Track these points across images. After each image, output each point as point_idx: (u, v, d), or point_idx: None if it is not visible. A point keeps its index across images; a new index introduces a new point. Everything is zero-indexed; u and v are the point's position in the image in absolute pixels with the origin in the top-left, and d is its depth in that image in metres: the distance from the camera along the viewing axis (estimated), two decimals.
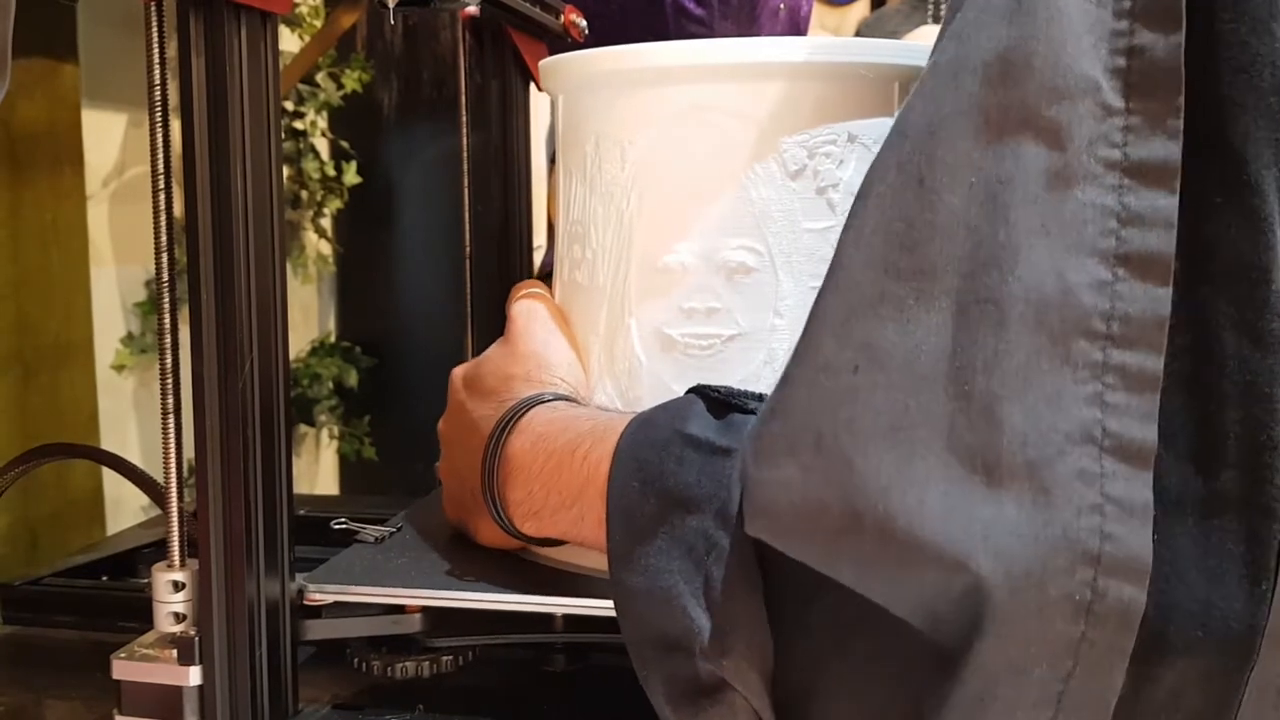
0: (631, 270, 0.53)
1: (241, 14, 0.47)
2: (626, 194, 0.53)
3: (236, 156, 0.47)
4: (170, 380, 0.50)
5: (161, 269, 0.49)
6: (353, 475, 1.66)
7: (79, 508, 0.98)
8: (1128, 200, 0.30)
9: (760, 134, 0.51)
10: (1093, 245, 0.29)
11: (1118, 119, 0.30)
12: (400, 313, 1.67)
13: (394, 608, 0.54)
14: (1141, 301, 0.29)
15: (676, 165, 0.52)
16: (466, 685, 0.57)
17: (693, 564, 0.36)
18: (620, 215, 0.54)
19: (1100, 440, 0.29)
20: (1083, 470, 0.29)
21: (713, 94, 0.51)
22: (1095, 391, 0.29)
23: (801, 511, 0.32)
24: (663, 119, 0.52)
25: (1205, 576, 0.30)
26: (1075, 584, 0.28)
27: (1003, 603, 0.28)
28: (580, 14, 0.77)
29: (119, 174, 1.11)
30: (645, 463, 0.40)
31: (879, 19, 2.30)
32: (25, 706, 0.61)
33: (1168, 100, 0.30)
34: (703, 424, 0.39)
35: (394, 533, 0.61)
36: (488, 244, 0.76)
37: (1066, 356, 0.29)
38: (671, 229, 0.52)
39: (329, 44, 1.40)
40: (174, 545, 0.50)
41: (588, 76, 0.56)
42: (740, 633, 0.35)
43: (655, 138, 0.53)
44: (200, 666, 0.49)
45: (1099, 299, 0.29)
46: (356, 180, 1.54)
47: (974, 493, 0.29)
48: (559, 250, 0.58)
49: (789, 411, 0.33)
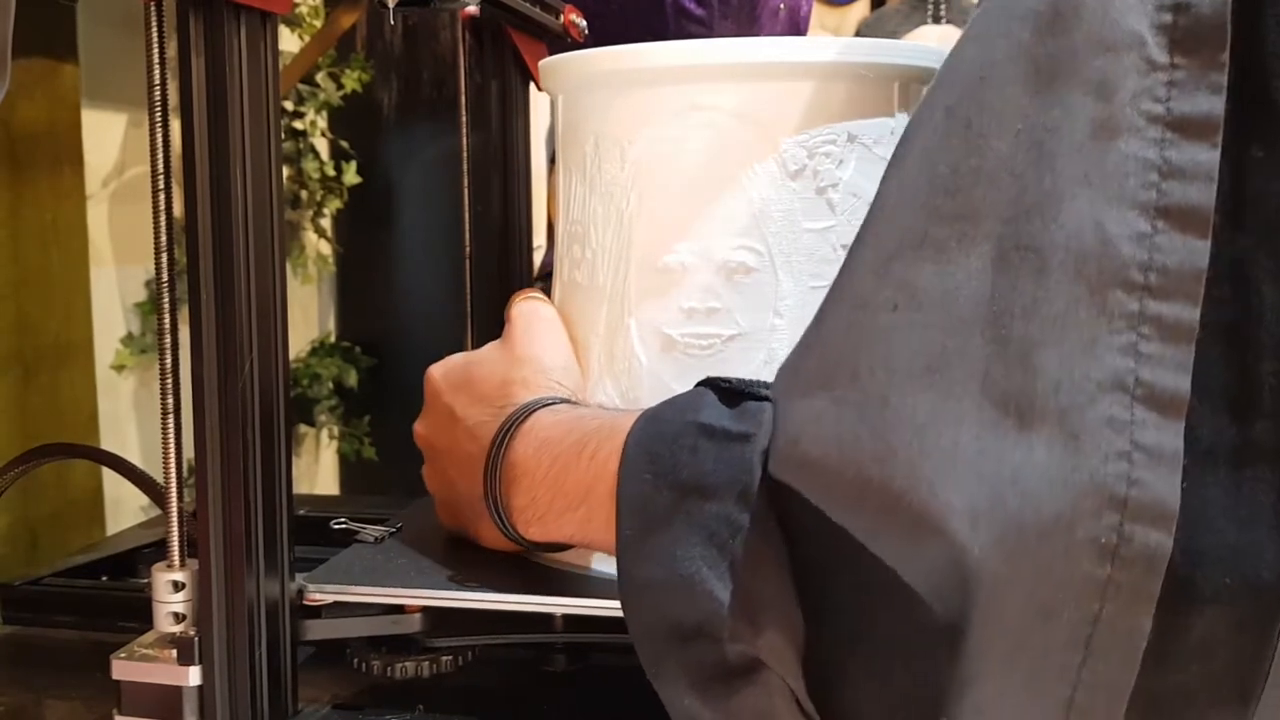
0: (631, 270, 0.53)
1: (241, 14, 0.47)
2: (626, 194, 0.53)
3: (236, 156, 0.47)
4: (170, 380, 0.50)
5: (161, 269, 0.49)
6: (352, 475, 1.66)
7: (79, 508, 0.98)
8: (1169, 154, 0.30)
9: (760, 134, 0.51)
10: (1134, 197, 0.30)
11: (1162, 74, 0.30)
12: (400, 313, 1.67)
13: (394, 608, 0.54)
14: (1180, 253, 0.29)
15: (676, 165, 0.52)
16: (467, 685, 0.57)
17: (715, 548, 0.36)
18: (620, 215, 0.54)
19: (1132, 389, 0.29)
20: (1113, 417, 0.29)
21: (712, 94, 0.51)
22: (1130, 342, 0.29)
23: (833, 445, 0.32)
24: (662, 119, 0.52)
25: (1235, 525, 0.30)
26: (1102, 528, 0.29)
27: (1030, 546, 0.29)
28: (580, 14, 0.77)
29: (119, 174, 1.11)
30: (657, 455, 0.39)
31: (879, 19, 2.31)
32: (25, 706, 0.61)
33: (1212, 56, 0.30)
34: (716, 413, 0.38)
35: (393, 533, 0.61)
36: (487, 244, 0.76)
37: (1103, 306, 0.29)
38: (671, 229, 0.52)
39: (329, 44, 1.40)
40: (174, 545, 0.50)
41: (587, 76, 0.56)
42: (772, 610, 0.35)
43: (655, 137, 0.53)
44: (200, 666, 0.49)
45: (1138, 250, 0.29)
46: (356, 180, 1.54)
47: (1006, 436, 0.29)
48: (559, 250, 0.58)
49: (825, 346, 0.33)
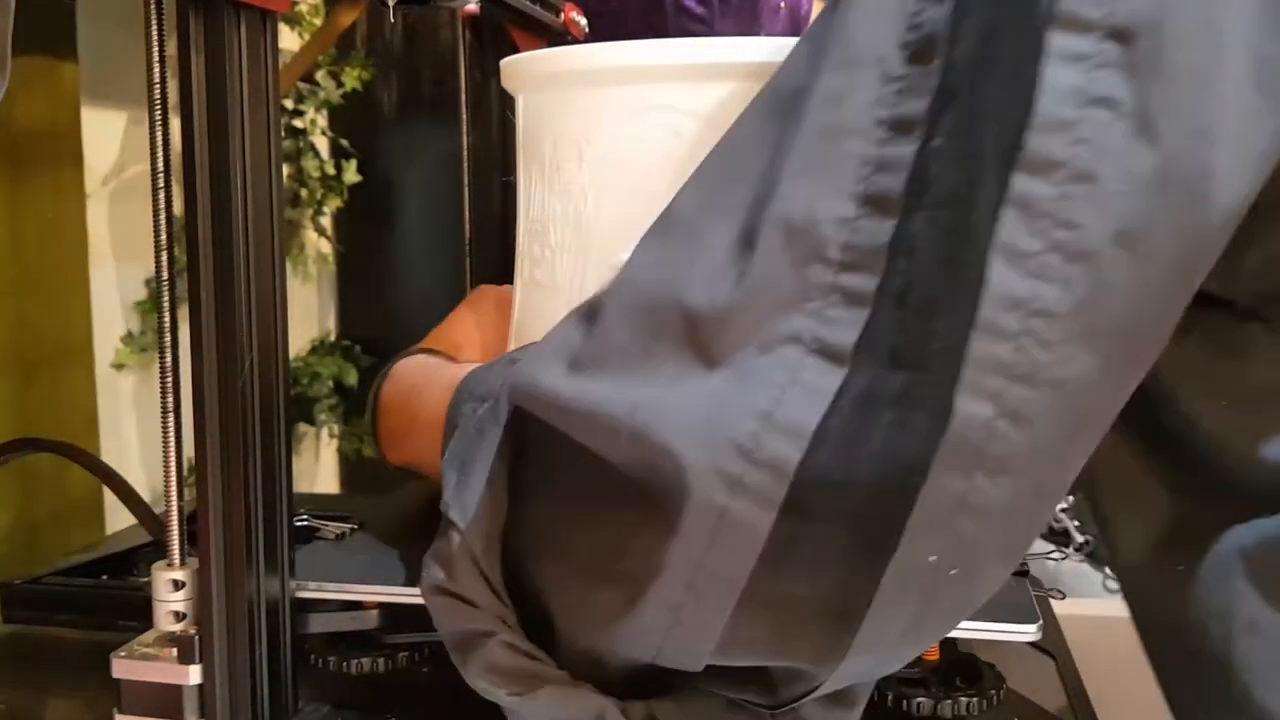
0: (589, 268, 0.53)
1: (241, 12, 0.47)
2: (584, 193, 0.53)
3: (236, 155, 0.47)
4: (170, 379, 0.50)
5: (161, 268, 0.49)
6: (353, 474, 1.66)
7: (79, 506, 0.98)
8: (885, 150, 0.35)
9: (716, 133, 0.50)
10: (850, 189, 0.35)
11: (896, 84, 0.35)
12: (400, 311, 1.67)
13: (352, 604, 0.55)
14: (872, 233, 0.34)
15: (633, 165, 0.52)
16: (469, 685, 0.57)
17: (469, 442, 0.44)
18: (578, 214, 0.54)
19: (809, 343, 0.35)
20: (783, 360, 0.35)
21: (668, 94, 0.51)
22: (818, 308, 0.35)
23: None
24: (619, 119, 0.52)
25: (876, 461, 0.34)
26: (742, 432, 0.34)
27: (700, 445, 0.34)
28: (580, 11, 0.77)
29: (119, 172, 1.11)
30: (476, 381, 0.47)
31: None
32: (26, 705, 0.61)
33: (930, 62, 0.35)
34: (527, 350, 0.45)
35: (355, 529, 0.61)
36: (488, 242, 0.76)
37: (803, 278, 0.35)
38: (628, 228, 0.52)
39: (329, 42, 1.40)
40: (174, 544, 0.50)
41: (546, 76, 0.56)
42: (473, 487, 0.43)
43: (612, 137, 0.53)
44: (200, 665, 0.49)
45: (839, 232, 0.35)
46: (356, 179, 1.54)
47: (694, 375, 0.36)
48: (520, 248, 0.59)
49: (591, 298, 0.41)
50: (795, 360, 0.35)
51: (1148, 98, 0.32)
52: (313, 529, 0.61)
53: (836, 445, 0.34)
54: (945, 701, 0.55)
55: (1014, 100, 0.32)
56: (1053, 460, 0.34)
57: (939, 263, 0.34)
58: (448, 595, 0.44)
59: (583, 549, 0.41)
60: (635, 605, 0.37)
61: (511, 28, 0.74)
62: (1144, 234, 0.32)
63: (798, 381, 0.34)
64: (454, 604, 0.44)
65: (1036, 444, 0.33)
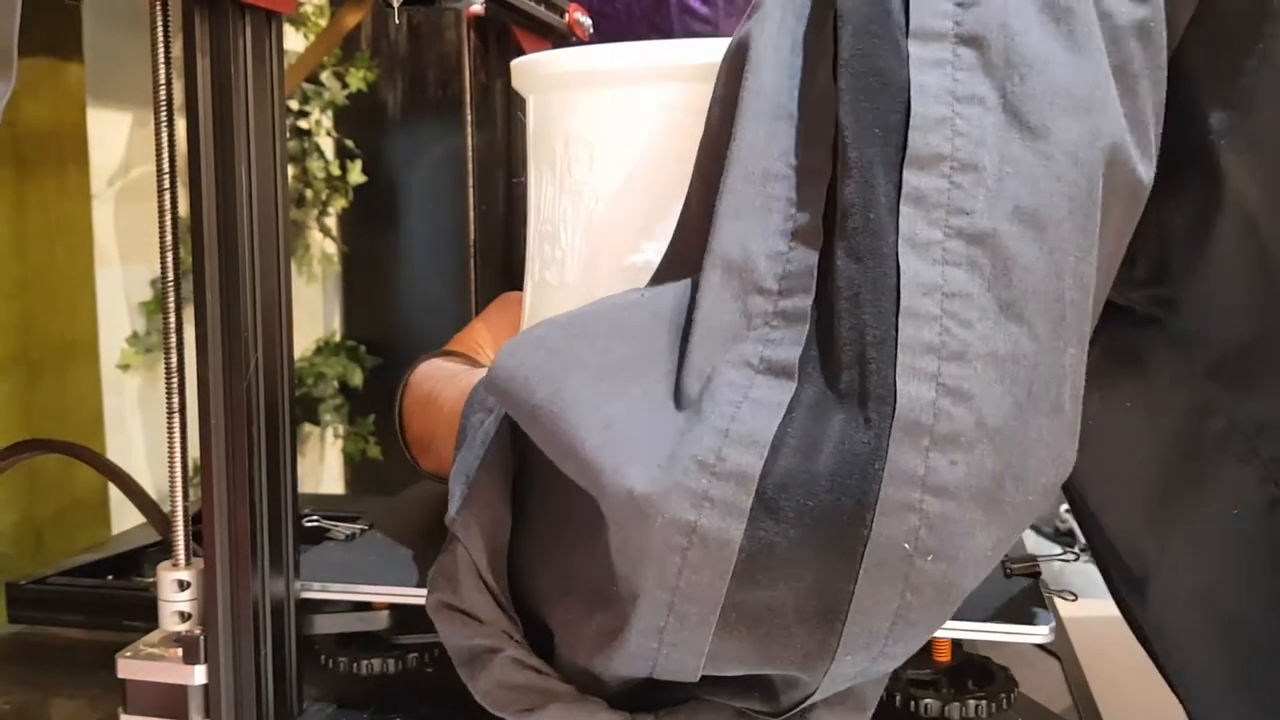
0: (600, 270, 0.53)
1: (246, 13, 0.47)
2: (595, 194, 0.53)
3: (241, 156, 0.47)
4: (175, 379, 0.50)
5: (167, 268, 0.49)
6: (358, 474, 1.66)
7: (84, 507, 0.98)
8: (802, 191, 0.37)
9: None
10: (778, 226, 0.37)
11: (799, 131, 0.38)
12: (405, 312, 1.67)
13: (361, 605, 0.55)
14: (802, 262, 0.37)
15: (643, 165, 0.52)
16: None
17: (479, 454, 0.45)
18: (589, 215, 0.54)
19: (756, 365, 0.36)
20: (734, 383, 0.36)
21: (679, 94, 0.51)
22: (763, 334, 0.37)
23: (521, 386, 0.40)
24: (630, 119, 0.52)
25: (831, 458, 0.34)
26: (704, 449, 0.35)
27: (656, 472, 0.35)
28: (585, 12, 0.77)
29: (124, 173, 1.11)
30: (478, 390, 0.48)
31: None
32: (31, 705, 0.61)
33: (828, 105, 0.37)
34: None
35: (365, 530, 0.61)
36: (493, 243, 0.76)
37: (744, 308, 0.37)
38: (638, 229, 0.52)
39: (334, 43, 1.40)
40: (179, 544, 0.50)
41: (557, 76, 0.56)
42: (478, 501, 0.44)
43: (622, 138, 0.53)
44: (205, 665, 0.49)
45: (774, 265, 0.37)
46: (361, 179, 1.54)
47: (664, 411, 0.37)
48: (530, 250, 0.58)
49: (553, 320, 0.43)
50: (745, 381, 0.36)
51: (1009, 91, 0.36)
52: (323, 530, 0.61)
53: (796, 449, 0.35)
54: (954, 704, 0.54)
55: (893, 109, 0.36)
56: (1011, 433, 0.35)
57: (857, 263, 0.36)
58: (453, 610, 0.44)
59: (576, 569, 0.41)
60: (624, 629, 0.37)
61: (516, 29, 0.74)
62: (1036, 209, 0.35)
63: (750, 398, 0.36)
64: (460, 619, 0.44)
65: (984, 418, 0.34)
